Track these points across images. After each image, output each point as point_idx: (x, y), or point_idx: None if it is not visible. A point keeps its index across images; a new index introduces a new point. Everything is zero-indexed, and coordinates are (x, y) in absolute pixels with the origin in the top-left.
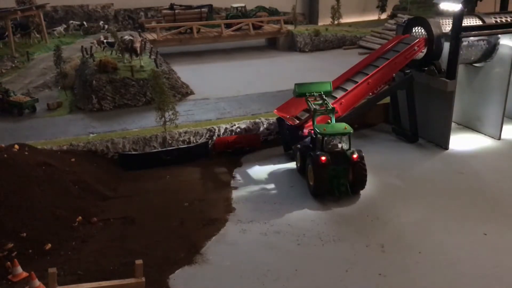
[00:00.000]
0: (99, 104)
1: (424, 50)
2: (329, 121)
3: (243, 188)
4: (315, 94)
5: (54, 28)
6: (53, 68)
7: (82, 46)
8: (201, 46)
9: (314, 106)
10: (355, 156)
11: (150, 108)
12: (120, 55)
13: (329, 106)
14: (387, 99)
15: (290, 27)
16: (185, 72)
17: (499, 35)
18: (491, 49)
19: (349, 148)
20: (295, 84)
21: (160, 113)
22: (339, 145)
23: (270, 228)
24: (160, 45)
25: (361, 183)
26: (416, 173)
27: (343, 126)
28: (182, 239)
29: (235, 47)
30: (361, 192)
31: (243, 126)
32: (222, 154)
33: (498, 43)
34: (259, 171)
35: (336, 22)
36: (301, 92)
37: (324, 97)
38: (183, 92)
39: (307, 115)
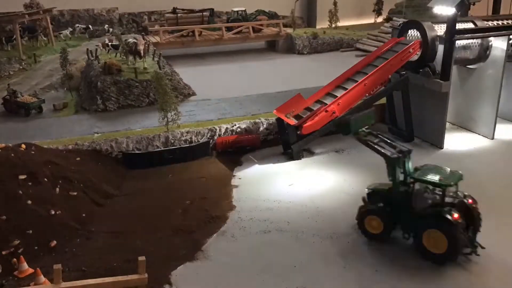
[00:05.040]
0: (103, 104)
1: (419, 53)
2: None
3: (244, 186)
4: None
5: (61, 31)
6: (59, 70)
7: (87, 49)
8: (202, 49)
9: (390, 154)
10: (471, 200)
11: (153, 108)
12: (124, 57)
13: (402, 148)
14: (383, 100)
15: (289, 30)
16: (187, 73)
17: (491, 38)
18: (484, 52)
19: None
20: (351, 120)
21: (162, 114)
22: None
23: (269, 225)
24: (163, 47)
25: (479, 227)
26: None
27: (453, 170)
28: (184, 236)
29: (236, 50)
30: (359, 190)
31: (243, 126)
32: (223, 154)
33: (491, 46)
34: (259, 170)
35: (333, 25)
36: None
37: (385, 138)
38: (185, 93)
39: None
